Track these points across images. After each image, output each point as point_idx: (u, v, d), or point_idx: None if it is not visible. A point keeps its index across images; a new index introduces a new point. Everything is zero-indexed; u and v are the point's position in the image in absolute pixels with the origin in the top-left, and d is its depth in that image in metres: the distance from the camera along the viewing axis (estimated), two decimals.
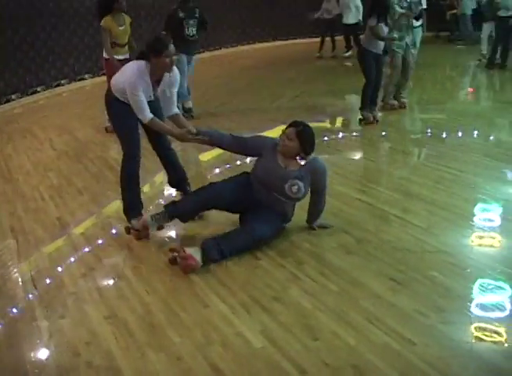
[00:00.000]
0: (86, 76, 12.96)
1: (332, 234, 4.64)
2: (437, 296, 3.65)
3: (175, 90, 4.86)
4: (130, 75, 4.55)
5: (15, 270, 4.45)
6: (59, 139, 8.25)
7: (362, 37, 8.59)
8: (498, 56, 12.25)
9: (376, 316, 3.47)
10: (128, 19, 7.82)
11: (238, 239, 4.38)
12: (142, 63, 4.57)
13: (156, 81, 4.67)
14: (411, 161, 6.76)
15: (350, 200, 5.34)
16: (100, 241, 4.80)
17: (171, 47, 4.53)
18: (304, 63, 14.70)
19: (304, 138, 4.47)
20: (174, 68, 4.73)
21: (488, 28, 12.84)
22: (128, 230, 4.80)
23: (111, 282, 4.16)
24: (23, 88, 11.29)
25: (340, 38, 15.32)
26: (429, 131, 7.60)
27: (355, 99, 9.98)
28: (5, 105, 10.75)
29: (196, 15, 8.66)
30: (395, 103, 8.96)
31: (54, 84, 12.12)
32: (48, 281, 4.19)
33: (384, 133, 7.69)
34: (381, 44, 7.86)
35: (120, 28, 7.72)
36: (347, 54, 15.15)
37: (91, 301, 3.87)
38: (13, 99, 11.01)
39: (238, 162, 6.32)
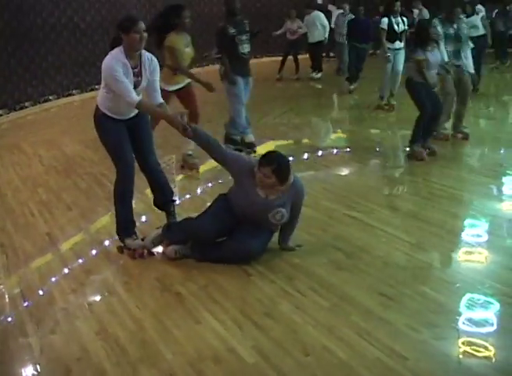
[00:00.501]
0: (74, 92, 13.00)
1: (322, 250, 4.65)
2: (428, 311, 3.67)
3: (157, 78, 4.66)
4: (105, 63, 4.44)
5: (1, 286, 4.43)
6: (47, 155, 8.25)
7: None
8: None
9: (368, 331, 3.48)
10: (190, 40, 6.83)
11: (225, 249, 4.47)
12: (115, 49, 4.49)
13: (135, 68, 4.50)
14: (400, 178, 6.81)
15: (339, 216, 5.36)
16: (90, 257, 4.80)
17: (141, 23, 4.40)
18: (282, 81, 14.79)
19: (281, 173, 4.35)
20: (153, 56, 4.64)
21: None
22: (120, 250, 4.77)
23: (102, 297, 4.15)
24: (10, 103, 11.29)
25: (302, 58, 14.95)
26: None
27: (334, 119, 10.13)
28: None
29: (247, 28, 7.45)
30: (448, 132, 7.88)
31: (42, 99, 12.13)
32: (38, 296, 4.18)
33: (376, 149, 7.78)
34: (431, 72, 6.98)
35: (187, 49, 6.71)
36: (317, 75, 14.63)
37: (82, 316, 3.85)
38: (1, 115, 11.00)
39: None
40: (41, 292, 4.24)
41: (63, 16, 12.54)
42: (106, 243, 5.00)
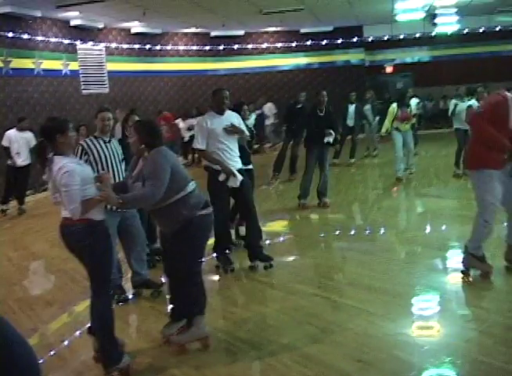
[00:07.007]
0: (27, 192, 13.08)
1: (297, 326, 5.05)
2: (402, 372, 4.12)
3: None
4: (61, 168, 4.23)
5: None
6: (15, 254, 8.45)
7: None
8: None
9: None
10: None
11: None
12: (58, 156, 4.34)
13: None
14: (357, 256, 7.25)
15: (308, 296, 5.79)
16: (79, 346, 5.03)
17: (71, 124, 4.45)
18: None
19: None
20: None
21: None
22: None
23: None
24: None
25: None
26: (368, 228, 8.26)
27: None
28: None
29: None
30: None
31: None
32: None
33: (322, 234, 8.35)
34: None
35: None
36: None
37: None
38: None
39: None
40: None
41: None
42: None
